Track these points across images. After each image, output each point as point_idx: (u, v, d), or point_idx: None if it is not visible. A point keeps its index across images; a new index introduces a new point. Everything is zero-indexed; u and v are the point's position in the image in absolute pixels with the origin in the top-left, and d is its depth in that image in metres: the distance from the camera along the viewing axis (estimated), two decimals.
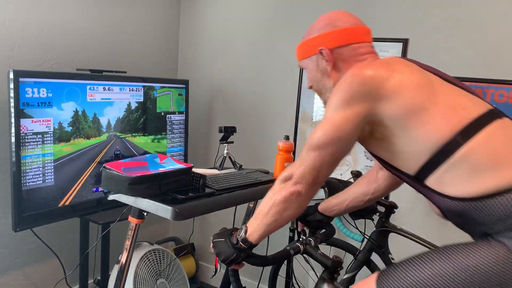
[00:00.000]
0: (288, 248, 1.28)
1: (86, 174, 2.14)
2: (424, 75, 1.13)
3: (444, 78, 1.17)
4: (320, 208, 1.57)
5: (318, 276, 1.42)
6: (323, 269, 1.34)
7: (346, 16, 1.26)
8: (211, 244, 1.23)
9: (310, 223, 1.57)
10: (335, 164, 1.14)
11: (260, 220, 1.15)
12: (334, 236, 1.57)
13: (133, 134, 2.37)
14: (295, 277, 1.46)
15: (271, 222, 1.14)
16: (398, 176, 1.19)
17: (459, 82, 1.19)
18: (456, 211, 1.06)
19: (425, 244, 1.83)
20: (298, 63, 1.36)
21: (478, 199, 1.01)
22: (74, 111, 2.07)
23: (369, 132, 1.15)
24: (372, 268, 1.97)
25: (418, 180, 1.11)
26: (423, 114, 1.06)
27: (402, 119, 1.07)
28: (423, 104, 1.06)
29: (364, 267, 1.95)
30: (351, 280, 1.92)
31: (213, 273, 1.39)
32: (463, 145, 1.02)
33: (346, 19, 1.25)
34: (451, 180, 1.04)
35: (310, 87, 1.35)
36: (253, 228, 1.16)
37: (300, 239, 1.34)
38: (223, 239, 1.20)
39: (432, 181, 1.08)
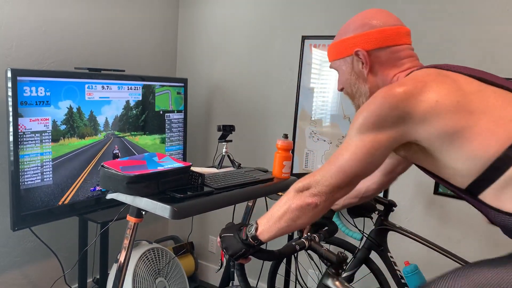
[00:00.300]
0: (293, 243, 1.29)
1: (84, 173, 2.14)
2: (463, 90, 1.03)
3: (489, 81, 1.07)
4: None
5: (321, 273, 1.42)
6: (328, 265, 1.35)
7: (385, 16, 1.18)
8: (218, 238, 1.23)
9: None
10: (358, 183, 1.11)
11: (273, 223, 1.15)
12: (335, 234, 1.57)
13: (132, 133, 2.37)
14: (300, 273, 1.47)
15: (284, 227, 1.14)
16: (448, 187, 1.13)
17: (505, 82, 1.09)
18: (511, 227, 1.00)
19: (424, 242, 1.83)
20: (330, 63, 1.29)
21: None
22: (68, 109, 2.06)
23: (407, 151, 1.11)
24: (371, 266, 1.97)
25: (471, 194, 1.05)
26: (467, 132, 0.99)
27: (442, 140, 1.01)
28: (464, 123, 0.99)
29: (363, 266, 1.95)
30: (350, 278, 1.92)
31: (218, 268, 1.39)
32: None
33: (385, 19, 1.17)
34: (508, 197, 0.98)
35: (341, 89, 1.28)
36: (264, 228, 1.16)
37: (305, 235, 1.35)
38: (232, 234, 1.20)
39: (487, 196, 1.01)
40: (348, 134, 1.09)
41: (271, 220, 1.16)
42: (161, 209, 1.44)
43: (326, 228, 1.54)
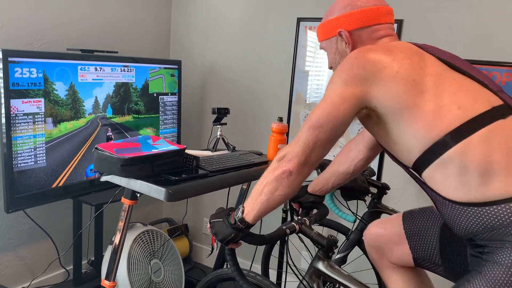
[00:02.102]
0: (284, 227, 1.30)
1: (79, 155, 2.13)
2: (424, 70, 1.08)
3: (455, 66, 1.12)
4: (309, 189, 1.59)
5: (311, 256, 1.45)
6: (318, 248, 1.37)
7: None
8: (208, 224, 1.23)
9: (303, 204, 1.59)
10: (329, 145, 1.13)
11: (255, 200, 1.15)
12: (326, 217, 1.58)
13: (126, 115, 2.36)
14: (290, 256, 1.49)
15: (264, 201, 1.14)
16: (399, 165, 1.20)
17: (472, 69, 1.14)
18: (445, 208, 1.07)
19: None
20: (319, 44, 1.35)
21: (465, 204, 1.01)
22: (66, 91, 2.04)
23: (366, 116, 1.15)
24: (364, 248, 1.99)
25: (416, 172, 1.12)
26: (415, 110, 1.05)
27: (393, 111, 1.07)
28: (415, 101, 1.05)
29: (356, 247, 1.98)
30: (343, 260, 1.95)
31: (210, 252, 1.40)
32: (452, 147, 1.00)
33: (367, 0, 1.22)
34: (441, 180, 1.04)
35: (331, 68, 1.35)
36: (249, 208, 1.17)
37: (296, 218, 1.36)
38: (221, 219, 1.20)
39: (426, 177, 1.09)
40: (324, 93, 1.14)
41: (253, 197, 1.16)
42: (156, 192, 1.44)
43: (317, 211, 1.55)
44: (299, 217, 1.37)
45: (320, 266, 1.39)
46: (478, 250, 1.04)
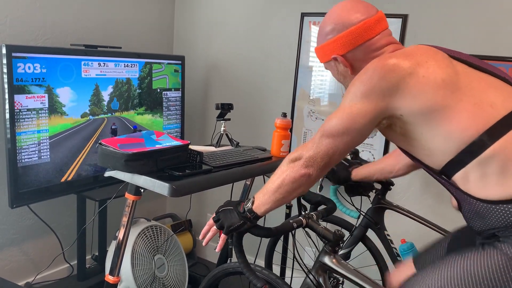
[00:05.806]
0: (291, 221, 1.30)
1: (84, 151, 2.13)
2: (450, 68, 1.06)
3: (474, 65, 1.11)
4: (353, 174, 1.75)
5: (316, 251, 1.44)
6: (325, 243, 1.37)
7: (352, 12, 1.19)
8: (214, 214, 1.25)
9: (311, 200, 1.59)
10: (347, 152, 1.15)
11: (268, 196, 1.17)
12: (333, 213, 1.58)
13: (129, 111, 2.36)
14: (297, 250, 1.49)
15: (280, 199, 1.17)
16: (424, 169, 1.17)
17: (491, 66, 1.13)
18: (475, 209, 1.05)
19: (421, 221, 1.85)
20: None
21: (500, 202, 0.99)
22: (69, 87, 2.04)
23: (388, 126, 1.14)
24: (368, 244, 1.99)
25: (445, 176, 1.09)
26: (447, 111, 1.02)
27: (423, 117, 1.04)
28: (447, 102, 1.02)
29: (360, 243, 1.97)
30: (347, 256, 1.95)
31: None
32: (490, 146, 0.98)
33: (354, 16, 1.18)
34: (476, 180, 1.02)
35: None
36: (261, 202, 1.18)
37: (302, 213, 1.36)
38: (231, 207, 1.23)
39: (457, 179, 1.05)
40: (341, 103, 1.13)
41: (266, 194, 1.18)
42: (160, 187, 1.44)
43: (325, 207, 1.55)
44: (305, 212, 1.38)
45: (327, 260, 1.40)
46: (493, 238, 1.04)
